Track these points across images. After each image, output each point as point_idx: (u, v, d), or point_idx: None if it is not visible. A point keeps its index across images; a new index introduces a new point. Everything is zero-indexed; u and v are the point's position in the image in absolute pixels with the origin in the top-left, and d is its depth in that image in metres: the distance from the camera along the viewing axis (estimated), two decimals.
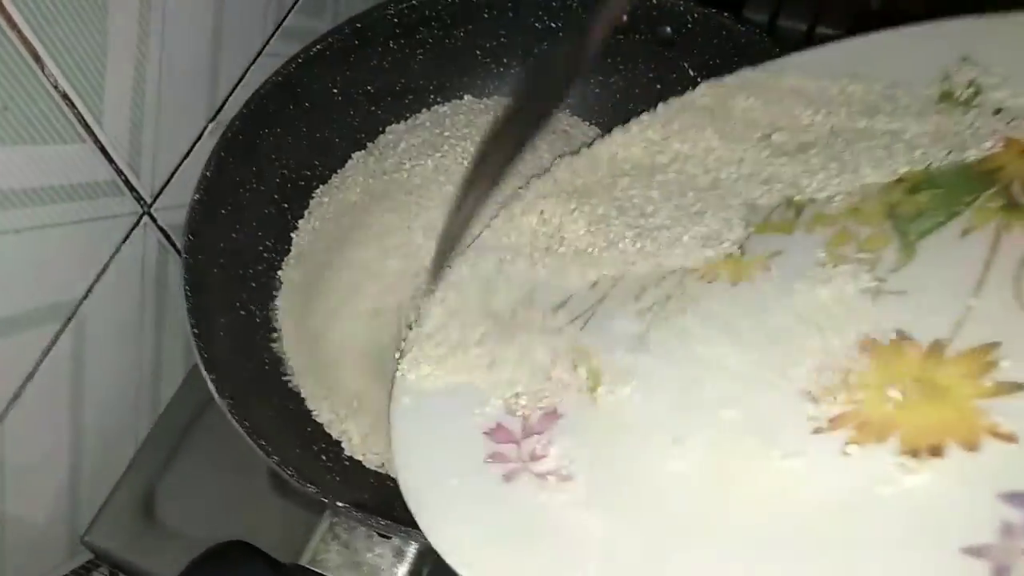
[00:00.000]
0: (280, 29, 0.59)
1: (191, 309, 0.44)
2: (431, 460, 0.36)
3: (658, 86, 0.53)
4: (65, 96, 0.43)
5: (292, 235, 0.53)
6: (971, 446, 0.28)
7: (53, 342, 0.48)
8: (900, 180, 0.37)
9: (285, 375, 0.49)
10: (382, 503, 0.42)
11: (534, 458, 0.34)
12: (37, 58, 0.41)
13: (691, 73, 0.51)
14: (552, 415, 0.36)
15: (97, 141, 0.47)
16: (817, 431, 0.30)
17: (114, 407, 0.55)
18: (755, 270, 0.37)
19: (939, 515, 0.27)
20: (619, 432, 0.34)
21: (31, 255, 0.45)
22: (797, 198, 0.39)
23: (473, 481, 0.34)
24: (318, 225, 0.54)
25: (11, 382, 0.46)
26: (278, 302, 0.51)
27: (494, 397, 0.37)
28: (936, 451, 0.28)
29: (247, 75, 0.57)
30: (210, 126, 0.55)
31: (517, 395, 0.37)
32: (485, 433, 0.36)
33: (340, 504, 0.38)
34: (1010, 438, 0.27)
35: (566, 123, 0.56)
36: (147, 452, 0.56)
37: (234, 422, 0.40)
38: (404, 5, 0.53)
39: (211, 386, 0.42)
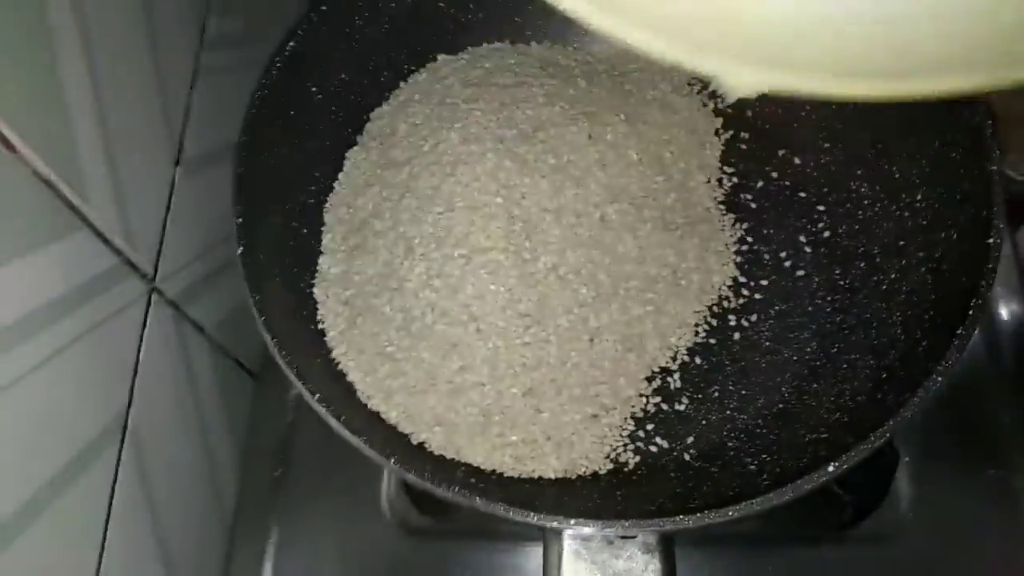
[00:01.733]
0: (205, 39, 0.50)
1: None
2: None
3: None
4: (48, 182, 0.35)
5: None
6: None
7: (116, 472, 0.40)
8: None
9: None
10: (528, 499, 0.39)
11: None
12: (8, 144, 0.33)
13: None
14: None
15: (91, 225, 0.39)
16: None
17: (191, 514, 0.48)
18: None
19: None
20: None
21: (66, 385, 0.37)
22: None
23: None
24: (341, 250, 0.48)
25: (93, 534, 0.38)
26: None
27: None
28: None
29: (192, 101, 0.48)
30: (178, 171, 0.47)
31: None
32: None
33: (572, 520, 0.34)
34: None
35: None
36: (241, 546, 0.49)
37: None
38: None
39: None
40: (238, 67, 0.54)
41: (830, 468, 0.33)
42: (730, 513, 0.32)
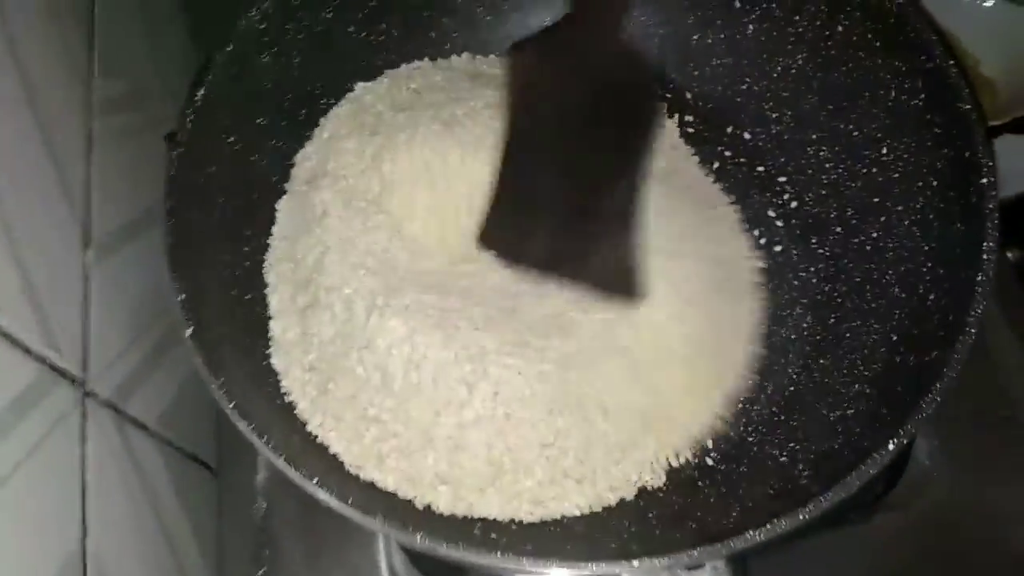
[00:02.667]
0: (93, 104, 0.45)
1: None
2: None
3: None
4: None
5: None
6: None
7: None
8: None
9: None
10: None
11: None
12: None
13: None
14: None
15: (6, 335, 0.33)
16: None
17: None
18: None
19: None
20: None
21: (11, 526, 0.31)
22: None
23: None
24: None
25: None
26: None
27: None
28: None
29: (91, 173, 0.43)
30: (89, 254, 0.41)
31: None
32: None
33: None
34: None
35: None
36: None
37: None
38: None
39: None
40: (133, 129, 0.48)
41: (890, 447, 0.31)
42: (801, 516, 0.30)
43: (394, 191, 0.43)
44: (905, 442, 0.31)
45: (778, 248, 0.46)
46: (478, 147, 0.41)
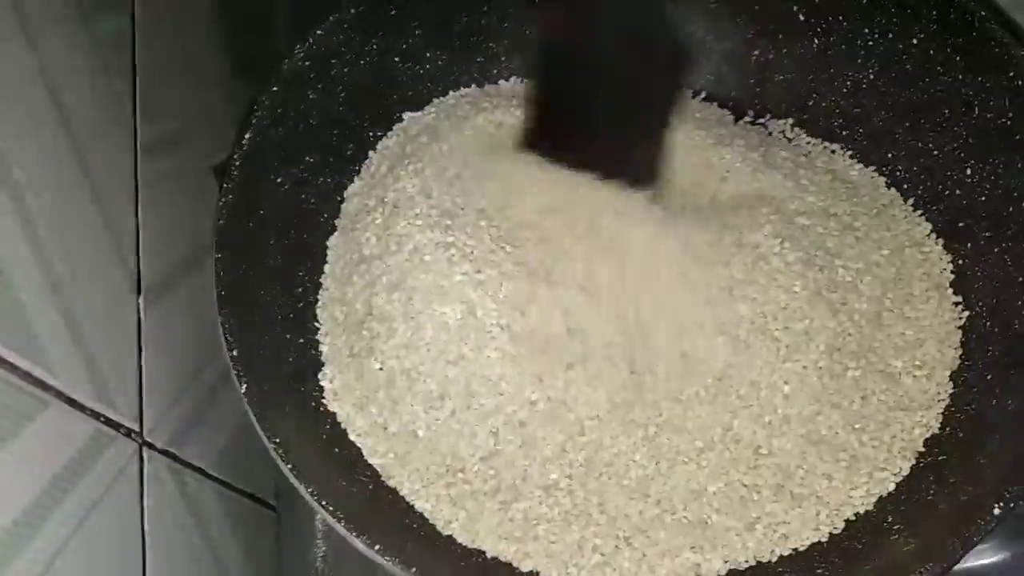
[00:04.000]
0: (138, 148, 0.44)
1: None
2: None
3: None
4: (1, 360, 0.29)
5: None
6: None
7: None
8: None
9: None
10: None
11: None
12: None
13: None
14: None
15: (61, 395, 0.32)
16: None
17: None
18: None
19: None
20: None
21: (86, 570, 0.31)
22: None
23: None
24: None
25: None
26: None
27: None
28: None
29: (139, 219, 0.42)
30: (140, 302, 0.41)
31: None
32: None
33: None
34: None
35: None
36: None
37: None
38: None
39: None
40: (179, 171, 0.48)
41: None
42: None
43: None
44: None
45: None
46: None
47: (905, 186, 0.43)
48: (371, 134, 0.46)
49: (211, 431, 0.46)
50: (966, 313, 0.39)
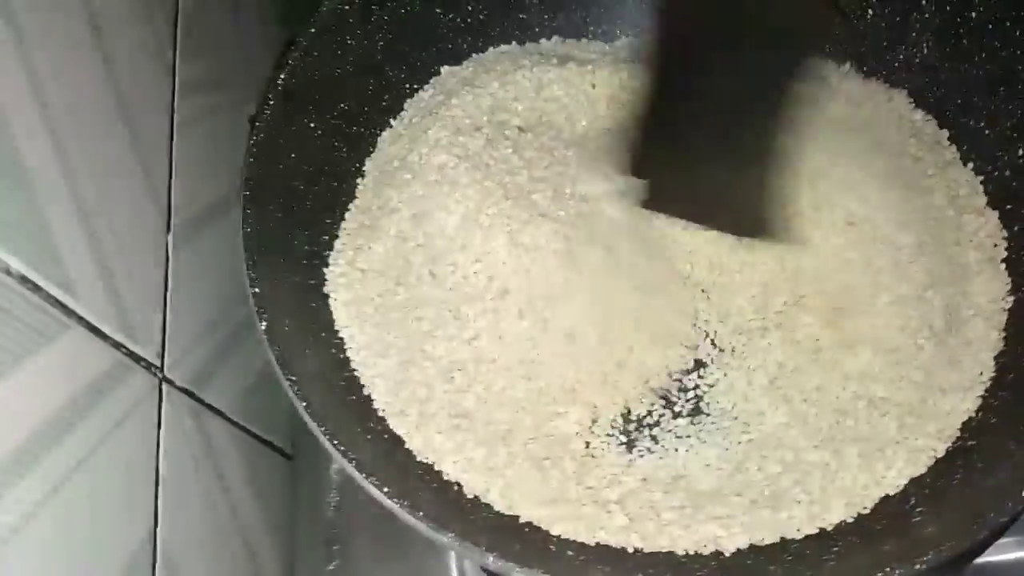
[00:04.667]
0: (176, 87, 0.44)
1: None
2: None
3: None
4: (24, 279, 0.29)
5: None
6: None
7: None
8: None
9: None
10: None
11: None
12: None
13: None
14: None
15: (82, 320, 0.32)
16: None
17: None
18: None
19: None
20: None
21: (83, 512, 0.31)
22: None
23: None
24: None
25: None
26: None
27: None
28: None
29: (173, 157, 0.42)
30: (170, 239, 0.41)
31: None
32: None
33: None
34: None
35: None
36: None
37: None
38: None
39: None
40: (217, 113, 0.48)
41: None
42: None
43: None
44: None
45: None
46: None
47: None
48: (408, 86, 0.46)
49: (233, 375, 0.46)
50: (1011, 298, 0.38)
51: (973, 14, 0.39)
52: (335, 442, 0.31)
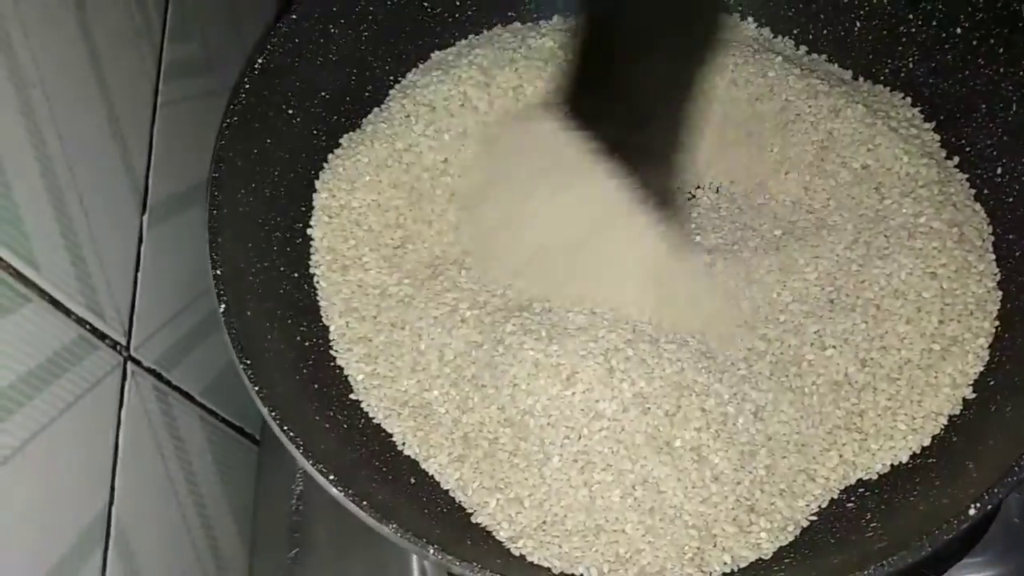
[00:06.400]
0: (162, 69, 0.44)
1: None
2: None
3: None
4: None
5: None
6: None
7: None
8: None
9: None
10: None
11: None
12: None
13: None
14: None
15: (44, 293, 0.32)
16: None
17: None
18: None
19: None
20: None
21: (34, 488, 0.31)
22: None
23: None
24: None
25: None
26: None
27: None
28: None
29: (154, 138, 0.42)
30: (145, 220, 0.41)
31: None
32: None
33: None
34: None
35: None
36: None
37: None
38: None
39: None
40: (201, 96, 0.48)
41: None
42: None
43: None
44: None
45: None
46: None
47: None
48: (392, 77, 0.46)
49: (205, 358, 0.46)
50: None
51: (958, 30, 0.39)
52: (285, 427, 0.31)
